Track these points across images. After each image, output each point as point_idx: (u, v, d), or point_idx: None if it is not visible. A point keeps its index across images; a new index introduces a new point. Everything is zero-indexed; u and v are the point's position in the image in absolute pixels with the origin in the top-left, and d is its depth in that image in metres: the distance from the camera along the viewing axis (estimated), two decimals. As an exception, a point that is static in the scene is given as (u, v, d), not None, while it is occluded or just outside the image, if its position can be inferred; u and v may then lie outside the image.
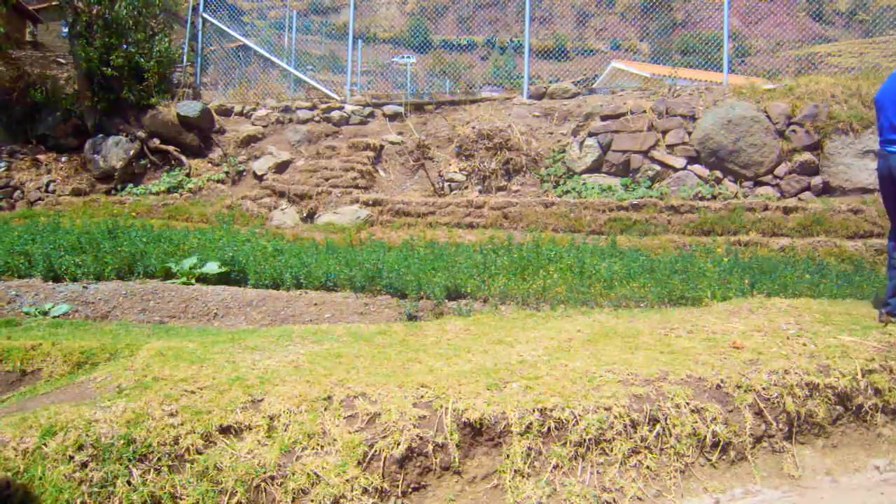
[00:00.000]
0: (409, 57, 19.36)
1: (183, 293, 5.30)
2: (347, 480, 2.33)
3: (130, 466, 2.23)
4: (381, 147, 10.62)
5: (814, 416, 2.95)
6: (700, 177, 8.75)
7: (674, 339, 3.61)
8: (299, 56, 14.69)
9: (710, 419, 2.74)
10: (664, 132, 9.06)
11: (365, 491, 2.33)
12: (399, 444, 2.44)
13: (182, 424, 2.41)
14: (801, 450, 2.88)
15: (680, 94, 9.69)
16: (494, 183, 9.66)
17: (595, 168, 9.32)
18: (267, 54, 13.06)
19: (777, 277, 5.50)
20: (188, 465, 2.31)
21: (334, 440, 2.44)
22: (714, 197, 8.48)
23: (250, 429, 2.47)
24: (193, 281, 5.66)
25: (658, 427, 2.65)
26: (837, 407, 3.04)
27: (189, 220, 9.08)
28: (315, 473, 2.33)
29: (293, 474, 2.33)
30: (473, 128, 10.35)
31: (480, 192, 9.61)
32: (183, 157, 10.82)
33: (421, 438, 2.47)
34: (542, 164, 9.76)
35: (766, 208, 7.96)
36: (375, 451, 2.42)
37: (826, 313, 4.09)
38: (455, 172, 9.92)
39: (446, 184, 9.78)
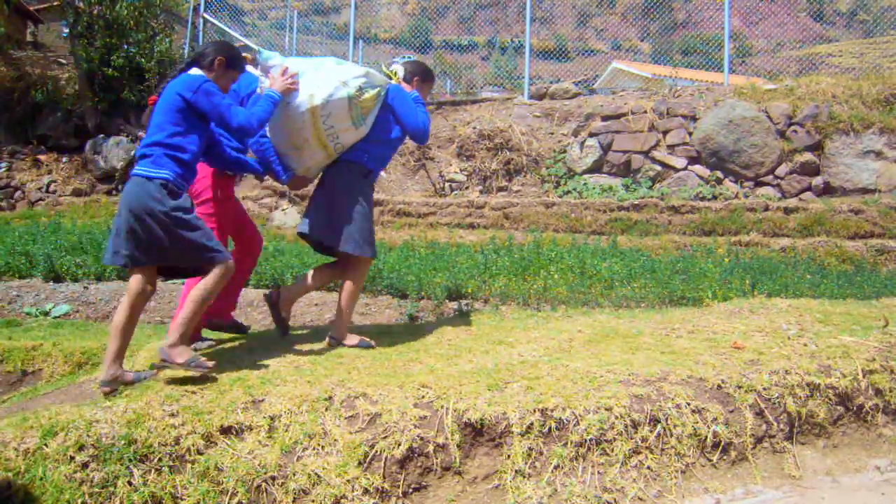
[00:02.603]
0: (409, 57, 19.33)
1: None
2: (348, 481, 2.33)
3: (131, 467, 2.24)
4: (382, 147, 10.61)
5: (815, 417, 2.95)
6: (701, 177, 8.75)
7: (675, 339, 3.61)
8: (300, 56, 14.68)
9: (711, 419, 2.73)
10: (665, 132, 9.06)
11: (366, 491, 2.33)
12: (400, 445, 2.44)
13: (183, 425, 2.41)
14: (801, 450, 2.88)
15: (681, 95, 9.68)
16: (495, 183, 9.66)
17: (596, 168, 9.32)
18: (268, 55, 13.05)
19: (778, 278, 5.50)
20: (189, 465, 2.31)
21: (335, 440, 2.44)
22: (715, 197, 8.47)
23: (251, 429, 2.47)
24: (194, 281, 5.67)
25: (659, 427, 2.65)
26: (838, 407, 3.04)
27: (190, 220, 9.08)
28: (316, 474, 2.33)
29: (294, 474, 2.33)
30: (474, 128, 10.36)
31: (481, 192, 9.61)
32: (184, 158, 10.83)
33: (422, 439, 2.47)
34: (543, 165, 9.77)
35: (766, 209, 7.96)
36: (376, 451, 2.42)
37: (827, 313, 4.09)
38: (456, 173, 9.93)
39: (447, 184, 9.78)
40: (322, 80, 3.30)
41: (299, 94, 3.26)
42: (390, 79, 3.70)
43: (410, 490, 2.42)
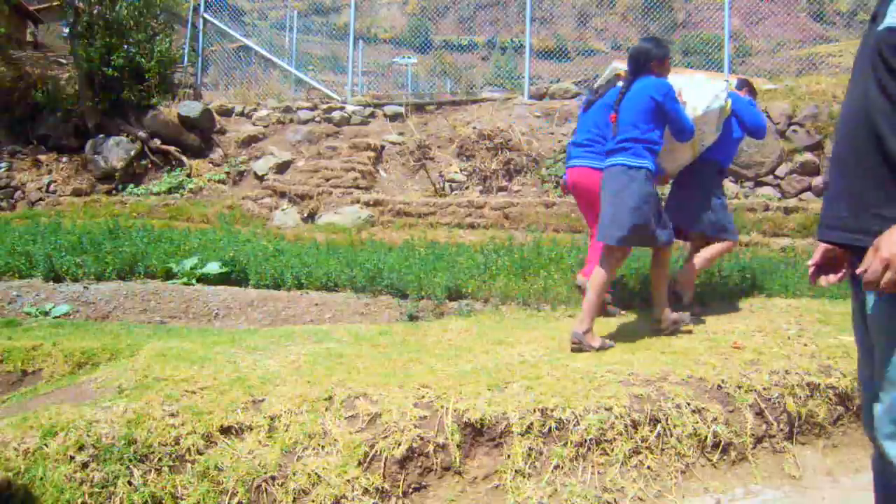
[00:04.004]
0: (409, 57, 19.31)
1: (184, 293, 5.30)
2: (348, 481, 2.33)
3: (131, 467, 2.24)
4: (382, 147, 10.61)
5: (814, 417, 2.95)
6: (701, 177, 8.74)
7: (674, 339, 3.62)
8: (300, 56, 14.69)
9: (711, 419, 2.73)
10: (665, 132, 9.05)
11: (366, 491, 2.33)
12: (400, 445, 2.44)
13: (183, 425, 2.41)
14: (801, 450, 2.88)
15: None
16: (495, 183, 9.65)
17: (596, 168, 9.30)
18: (268, 55, 13.07)
19: (778, 277, 5.50)
20: (189, 465, 2.31)
21: (335, 440, 2.44)
22: (715, 197, 8.46)
23: (251, 429, 2.47)
24: (194, 281, 5.66)
25: (659, 427, 2.65)
26: (838, 407, 3.04)
27: (190, 220, 9.08)
28: (316, 474, 2.33)
29: (294, 474, 2.33)
30: (474, 128, 10.35)
31: (481, 192, 9.61)
32: (184, 158, 10.82)
33: (422, 439, 2.47)
34: (543, 165, 9.76)
35: (766, 208, 7.96)
36: (376, 451, 2.42)
37: (826, 313, 4.09)
38: (456, 173, 9.92)
39: (447, 184, 9.78)
40: (700, 93, 4.04)
41: (686, 106, 3.93)
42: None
43: (410, 490, 2.42)
